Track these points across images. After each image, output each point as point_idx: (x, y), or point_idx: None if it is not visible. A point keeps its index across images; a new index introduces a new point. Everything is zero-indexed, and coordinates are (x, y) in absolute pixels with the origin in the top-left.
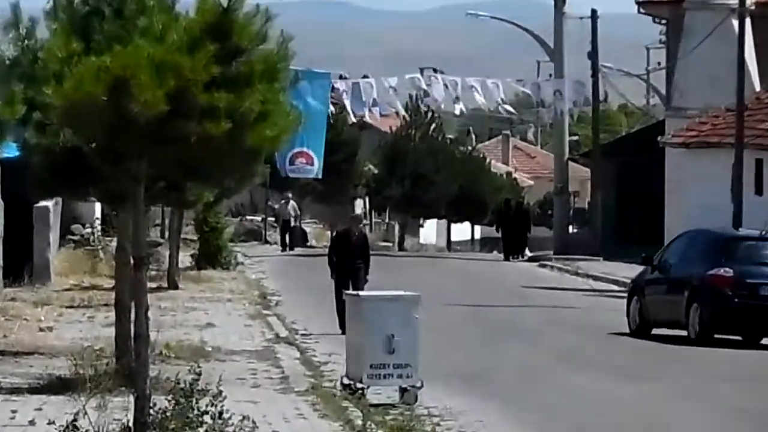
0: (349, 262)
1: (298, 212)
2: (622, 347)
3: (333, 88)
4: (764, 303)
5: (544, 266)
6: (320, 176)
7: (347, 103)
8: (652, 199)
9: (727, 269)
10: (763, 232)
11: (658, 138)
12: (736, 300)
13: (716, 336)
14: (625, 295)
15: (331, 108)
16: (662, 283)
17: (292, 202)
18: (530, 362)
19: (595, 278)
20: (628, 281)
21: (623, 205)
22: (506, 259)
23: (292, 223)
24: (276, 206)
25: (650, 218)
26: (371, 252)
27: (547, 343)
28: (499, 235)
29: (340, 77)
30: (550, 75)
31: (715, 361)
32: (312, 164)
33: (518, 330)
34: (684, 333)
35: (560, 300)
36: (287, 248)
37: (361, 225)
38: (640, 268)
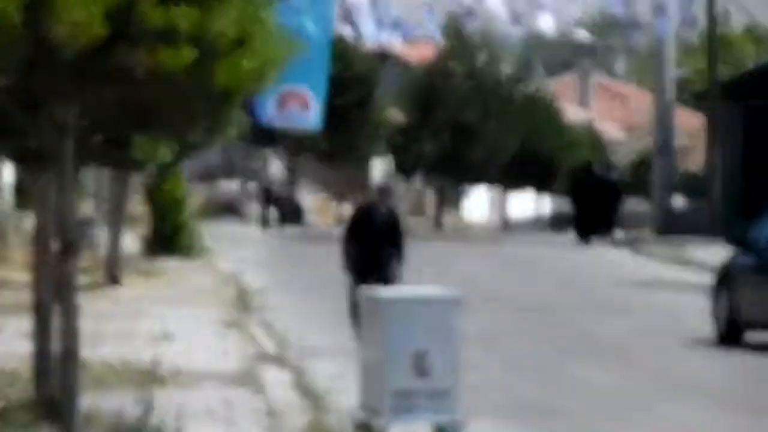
0: (372, 250)
1: (282, 176)
2: (740, 368)
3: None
4: None
5: (638, 253)
6: (319, 127)
7: (362, 23)
8: None
9: None
10: None
11: None
12: None
13: None
14: None
15: (339, 30)
16: (760, 270)
17: (276, 162)
18: (616, 390)
19: (714, 270)
20: None
21: (752, 168)
22: (582, 241)
23: (277, 193)
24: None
25: None
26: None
27: (639, 362)
28: (575, 211)
29: None
30: None
31: None
32: (308, 109)
33: (599, 346)
34: None
35: (660, 301)
36: (269, 226)
37: (391, 198)
38: None
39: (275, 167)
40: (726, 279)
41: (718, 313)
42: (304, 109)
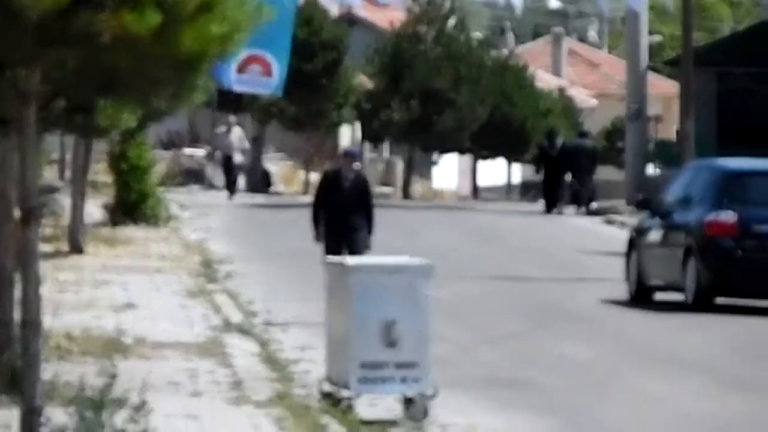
0: (340, 218)
1: (246, 143)
2: (725, 341)
3: None
4: None
5: (611, 223)
6: (281, 93)
7: None
8: None
9: (728, 213)
10: None
11: None
12: (740, 252)
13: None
14: None
15: None
16: (660, 233)
17: (236, 128)
18: (588, 360)
19: None
20: None
21: (727, 136)
22: (547, 211)
23: (238, 159)
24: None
25: (765, 153)
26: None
27: (611, 333)
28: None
29: None
30: None
31: None
32: (270, 74)
33: (571, 315)
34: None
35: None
36: (232, 194)
37: (357, 164)
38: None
39: (234, 134)
40: (634, 243)
41: (629, 276)
42: (265, 74)
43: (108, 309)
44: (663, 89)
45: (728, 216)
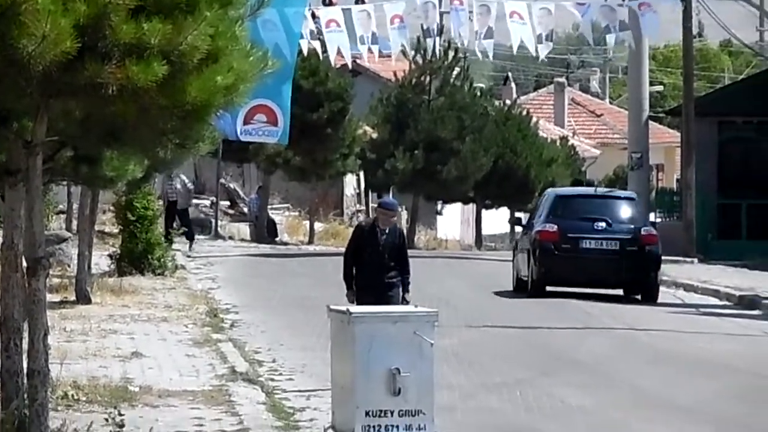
0: (375, 275)
1: (191, 189)
2: (724, 388)
3: (313, 16)
4: (585, 255)
5: None
6: (286, 141)
7: (332, 39)
8: None
9: (552, 225)
10: (595, 190)
11: None
12: (557, 253)
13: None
14: (733, 311)
15: (309, 44)
16: (523, 241)
17: (180, 177)
18: (595, 409)
19: (687, 288)
20: (734, 292)
21: (728, 184)
22: None
23: (182, 205)
24: (231, 183)
25: (766, 203)
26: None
27: (619, 380)
28: None
29: (323, 2)
30: None
31: None
32: (276, 123)
33: (578, 362)
34: None
35: (635, 320)
36: (170, 237)
37: (395, 219)
38: (750, 273)
39: (177, 182)
40: (514, 249)
41: (512, 274)
42: (271, 123)
43: (115, 358)
44: (664, 138)
45: (552, 227)
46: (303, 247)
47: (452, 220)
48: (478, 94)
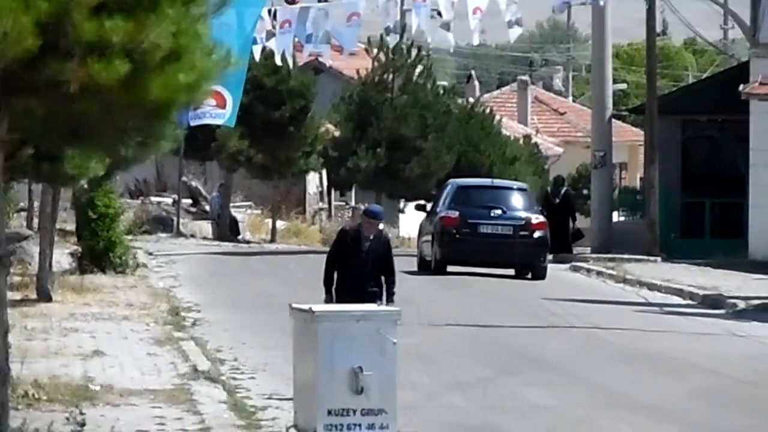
0: (357, 283)
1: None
2: (687, 388)
3: (274, 16)
4: (483, 239)
5: (577, 270)
6: (232, 124)
7: (281, 38)
8: (732, 173)
9: (453, 211)
10: (492, 182)
11: (740, 87)
12: (457, 236)
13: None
14: (696, 310)
15: (265, 43)
16: (427, 226)
17: None
18: (559, 408)
19: (651, 287)
20: (697, 291)
21: (691, 183)
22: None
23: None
24: (193, 183)
25: (729, 202)
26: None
27: (580, 379)
28: None
29: (287, 1)
30: None
31: None
32: (224, 107)
33: (540, 361)
34: None
35: (600, 318)
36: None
37: (381, 226)
38: (714, 272)
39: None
40: (419, 233)
41: (417, 255)
42: (219, 106)
43: (76, 356)
44: (628, 137)
45: (453, 213)
46: (265, 246)
47: (415, 219)
48: (441, 92)
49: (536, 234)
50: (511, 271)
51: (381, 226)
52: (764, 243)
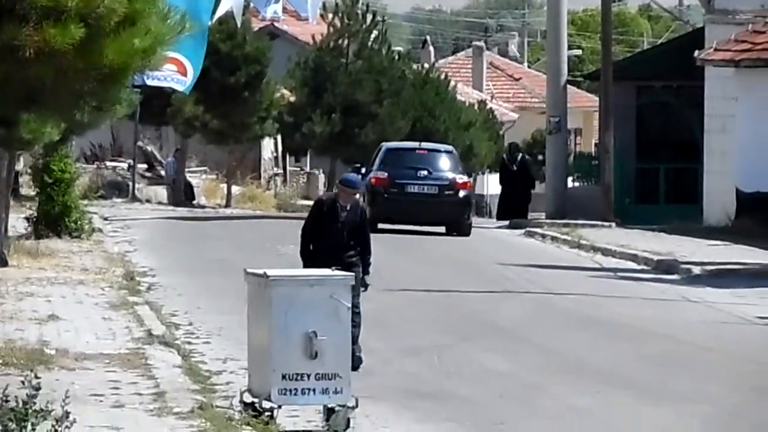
0: (335, 253)
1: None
2: (642, 353)
3: None
4: (410, 198)
5: (531, 235)
6: (188, 93)
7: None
8: (687, 139)
9: (383, 172)
10: (419, 144)
11: (695, 53)
12: (386, 196)
13: (380, 225)
14: (650, 275)
15: (228, 9)
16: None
17: None
18: (513, 373)
19: (605, 252)
20: (652, 257)
21: (646, 149)
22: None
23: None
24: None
25: (684, 168)
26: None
27: (535, 345)
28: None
29: None
30: None
31: None
32: (185, 75)
33: (495, 327)
34: None
35: (554, 283)
36: None
37: (358, 196)
38: (668, 238)
39: None
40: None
41: None
42: (181, 73)
43: (31, 321)
44: (583, 103)
45: (383, 174)
46: (220, 211)
47: None
48: (396, 57)
49: (461, 193)
50: (442, 229)
51: (357, 195)
52: (718, 209)
